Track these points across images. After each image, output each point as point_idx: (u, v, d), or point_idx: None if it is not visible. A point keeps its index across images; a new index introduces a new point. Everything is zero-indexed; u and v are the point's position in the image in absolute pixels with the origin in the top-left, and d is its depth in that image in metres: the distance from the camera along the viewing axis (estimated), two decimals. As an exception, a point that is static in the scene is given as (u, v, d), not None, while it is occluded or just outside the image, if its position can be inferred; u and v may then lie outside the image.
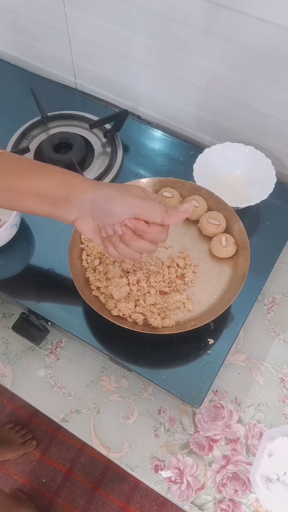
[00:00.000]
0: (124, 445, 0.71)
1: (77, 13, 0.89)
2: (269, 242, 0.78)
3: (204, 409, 0.72)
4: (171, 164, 0.88)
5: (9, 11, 0.98)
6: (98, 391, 0.74)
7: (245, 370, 0.75)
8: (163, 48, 0.83)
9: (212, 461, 0.69)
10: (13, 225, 0.74)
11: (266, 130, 0.85)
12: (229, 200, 0.75)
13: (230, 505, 0.66)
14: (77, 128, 0.93)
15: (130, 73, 0.94)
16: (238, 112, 0.86)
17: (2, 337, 0.79)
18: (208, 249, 0.74)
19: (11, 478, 1.40)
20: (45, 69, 1.08)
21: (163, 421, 0.72)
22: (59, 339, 0.79)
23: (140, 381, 0.75)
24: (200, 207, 0.75)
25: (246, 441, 0.70)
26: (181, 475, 0.69)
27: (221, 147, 0.84)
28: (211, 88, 0.84)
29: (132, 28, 0.84)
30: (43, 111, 0.92)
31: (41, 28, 0.97)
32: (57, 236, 0.78)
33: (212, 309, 0.68)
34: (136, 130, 0.94)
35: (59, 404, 0.74)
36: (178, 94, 0.91)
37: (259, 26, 0.69)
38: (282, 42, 0.69)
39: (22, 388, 0.75)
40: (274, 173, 0.80)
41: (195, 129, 0.96)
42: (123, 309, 0.66)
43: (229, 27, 0.72)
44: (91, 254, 0.72)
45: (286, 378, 0.74)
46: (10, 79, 1.04)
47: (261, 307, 0.80)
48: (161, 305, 0.68)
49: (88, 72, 1.01)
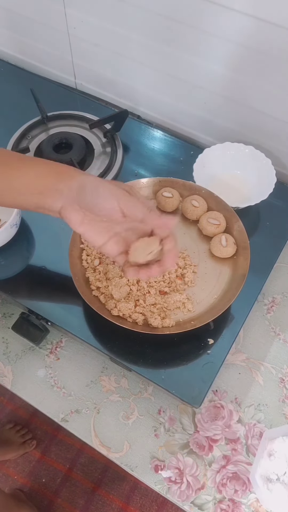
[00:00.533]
0: (124, 445, 0.71)
1: (77, 13, 0.89)
2: (269, 242, 0.78)
3: (204, 409, 0.72)
4: (171, 164, 0.88)
5: (9, 11, 0.98)
6: (98, 391, 0.74)
7: (245, 370, 0.75)
8: (163, 48, 0.83)
9: (212, 461, 0.69)
10: (13, 225, 0.74)
11: (266, 130, 0.85)
12: (229, 200, 0.75)
13: (230, 505, 0.66)
14: (77, 128, 0.93)
15: (130, 73, 0.94)
16: (238, 112, 0.86)
17: (2, 337, 0.79)
18: (208, 249, 0.74)
19: (11, 478, 1.40)
20: (45, 69, 1.08)
21: (163, 421, 0.72)
22: (59, 339, 0.79)
23: (140, 381, 0.75)
24: (200, 207, 0.75)
25: (246, 441, 0.70)
26: (181, 475, 0.69)
27: (221, 147, 0.84)
28: (211, 88, 0.84)
29: (132, 28, 0.84)
30: (43, 111, 0.92)
31: (41, 28, 0.97)
32: (57, 236, 0.78)
33: (212, 309, 0.68)
34: (136, 130, 0.94)
35: (59, 404, 0.74)
36: (178, 94, 0.91)
37: (259, 26, 0.69)
38: (282, 42, 0.69)
39: (22, 388, 0.75)
40: (274, 173, 0.80)
41: (195, 129, 0.96)
42: (123, 309, 0.66)
43: (229, 27, 0.72)
44: (91, 254, 0.72)
45: (286, 378, 0.74)
46: (10, 79, 1.04)
47: (261, 307, 0.80)
48: (161, 305, 0.68)
49: (88, 72, 1.01)
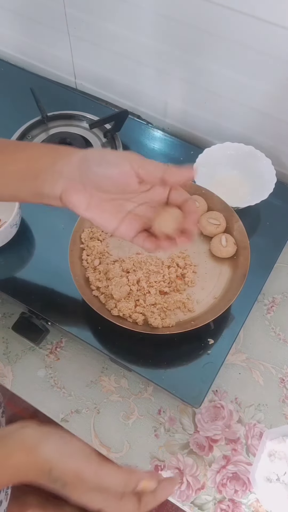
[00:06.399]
0: (124, 445, 0.71)
1: (77, 13, 0.89)
2: (269, 242, 0.78)
3: (204, 409, 0.72)
4: (171, 164, 0.88)
5: (9, 11, 0.98)
6: (98, 391, 0.74)
7: (245, 370, 0.75)
8: (163, 47, 0.83)
9: (212, 461, 0.69)
10: (13, 225, 0.74)
11: (266, 130, 0.85)
12: (229, 200, 0.75)
13: (230, 505, 0.66)
14: (77, 128, 0.93)
15: (130, 73, 0.94)
16: (238, 112, 0.86)
17: (2, 337, 0.79)
18: (208, 249, 0.74)
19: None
20: (45, 69, 1.08)
21: (163, 421, 0.72)
22: (59, 339, 0.79)
23: (140, 381, 0.75)
24: (200, 207, 0.75)
25: (246, 441, 0.70)
26: (181, 475, 0.68)
27: (221, 147, 0.84)
28: (211, 88, 0.84)
29: (131, 27, 0.84)
30: (43, 111, 0.92)
31: (41, 28, 0.97)
32: (57, 236, 0.78)
33: (212, 309, 0.68)
34: (136, 130, 0.94)
35: (59, 404, 0.74)
36: (178, 94, 0.91)
37: (259, 26, 0.69)
38: (282, 42, 0.69)
39: (22, 388, 0.75)
40: (274, 173, 0.80)
41: (195, 129, 0.96)
42: (123, 309, 0.66)
43: (228, 27, 0.72)
44: (91, 254, 0.72)
45: (286, 378, 0.74)
46: (10, 79, 1.04)
47: (261, 307, 0.80)
48: (161, 305, 0.68)
49: (88, 72, 1.01)
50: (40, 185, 0.45)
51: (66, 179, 0.44)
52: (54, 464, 0.42)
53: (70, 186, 0.44)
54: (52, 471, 0.42)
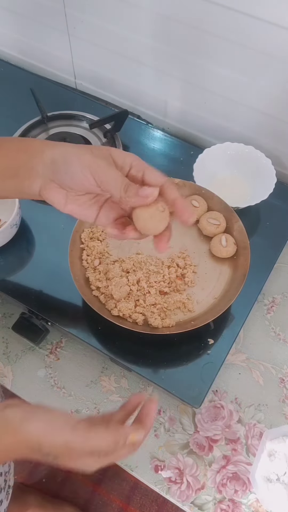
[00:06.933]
0: (124, 445, 0.71)
1: (77, 13, 0.89)
2: (269, 242, 0.78)
3: (204, 409, 0.72)
4: (171, 164, 0.88)
5: (9, 11, 0.98)
6: (98, 391, 0.74)
7: (245, 370, 0.75)
8: (163, 47, 0.83)
9: (212, 461, 0.69)
10: (13, 225, 0.74)
11: (266, 130, 0.85)
12: (229, 200, 0.75)
13: (230, 505, 0.66)
14: (77, 128, 0.93)
15: (130, 73, 0.94)
16: (238, 112, 0.86)
17: (2, 337, 0.79)
18: (208, 249, 0.74)
19: (11, 478, 1.40)
20: (45, 69, 1.08)
21: (163, 421, 0.72)
22: (59, 339, 0.79)
23: (140, 381, 0.75)
24: (200, 207, 0.75)
25: (246, 441, 0.70)
26: (181, 475, 0.69)
27: (221, 147, 0.84)
28: (211, 88, 0.84)
29: (131, 27, 0.84)
30: (43, 111, 0.92)
31: (41, 28, 0.97)
32: (57, 236, 0.78)
33: (212, 309, 0.68)
34: (136, 130, 0.94)
35: (59, 404, 0.74)
36: (178, 94, 0.91)
37: (259, 26, 0.69)
38: (282, 42, 0.69)
39: (22, 388, 0.75)
40: (274, 173, 0.80)
41: (195, 129, 0.96)
42: (123, 309, 0.66)
43: (228, 27, 0.72)
44: (91, 254, 0.72)
45: (286, 378, 0.74)
46: (10, 79, 1.04)
47: (261, 307, 0.80)
48: (161, 305, 0.68)
49: (88, 72, 1.01)
50: (20, 183, 0.46)
51: (42, 177, 0.45)
52: (42, 440, 0.42)
53: (47, 184, 0.45)
54: (41, 447, 0.42)
